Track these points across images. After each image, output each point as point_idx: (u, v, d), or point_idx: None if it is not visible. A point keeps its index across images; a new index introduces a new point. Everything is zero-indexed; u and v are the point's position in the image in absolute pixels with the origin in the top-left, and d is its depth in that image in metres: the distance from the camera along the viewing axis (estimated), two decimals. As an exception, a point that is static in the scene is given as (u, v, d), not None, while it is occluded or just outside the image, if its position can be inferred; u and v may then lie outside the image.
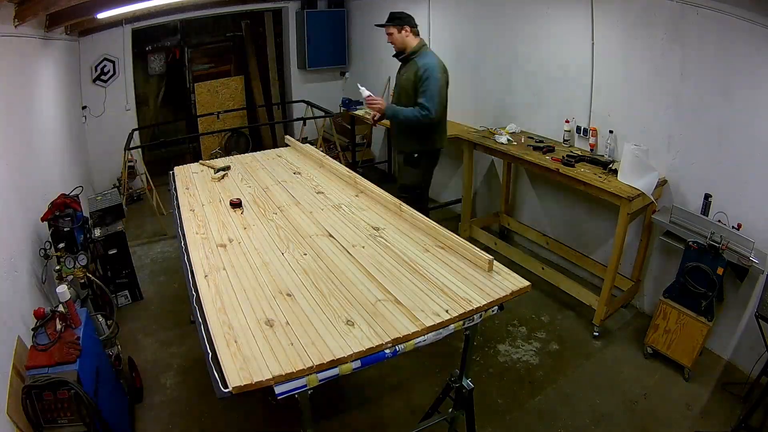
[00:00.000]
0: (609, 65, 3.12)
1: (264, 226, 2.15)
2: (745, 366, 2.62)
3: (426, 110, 2.92)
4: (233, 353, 1.31)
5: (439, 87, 2.92)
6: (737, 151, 2.55)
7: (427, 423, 2.03)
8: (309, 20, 5.85)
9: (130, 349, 2.88)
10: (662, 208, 2.87)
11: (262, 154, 3.26)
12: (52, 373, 1.71)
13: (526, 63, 3.71)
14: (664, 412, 2.45)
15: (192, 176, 2.84)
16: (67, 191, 2.86)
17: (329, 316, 1.49)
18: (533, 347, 2.94)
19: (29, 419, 1.71)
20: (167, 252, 4.15)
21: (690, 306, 2.59)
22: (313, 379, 1.28)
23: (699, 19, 2.56)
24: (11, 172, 2.46)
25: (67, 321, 1.90)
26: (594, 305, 3.04)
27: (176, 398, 2.56)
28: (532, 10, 3.54)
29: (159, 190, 4.77)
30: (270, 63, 6.63)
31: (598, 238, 3.46)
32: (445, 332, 1.48)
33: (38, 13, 2.83)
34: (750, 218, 2.50)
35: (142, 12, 4.83)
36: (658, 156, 2.86)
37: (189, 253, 1.90)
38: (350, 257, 1.85)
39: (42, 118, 3.37)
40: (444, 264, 1.79)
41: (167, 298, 3.48)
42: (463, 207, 4.11)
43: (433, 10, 4.56)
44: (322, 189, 2.56)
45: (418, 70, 2.95)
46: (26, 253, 2.38)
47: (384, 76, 5.43)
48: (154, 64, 6.18)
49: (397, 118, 3.08)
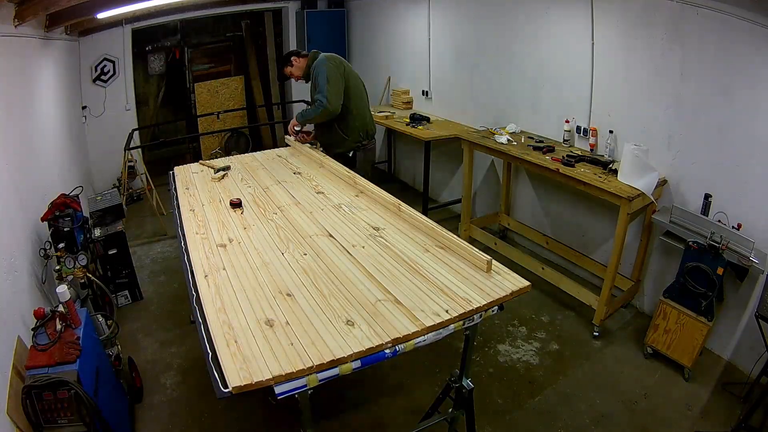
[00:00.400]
0: (609, 65, 3.12)
1: (264, 226, 2.15)
2: (745, 366, 2.62)
3: (318, 102, 2.98)
4: (233, 353, 1.31)
5: (328, 76, 2.97)
6: (737, 151, 2.55)
7: (427, 423, 2.03)
8: (309, 20, 5.86)
9: (130, 349, 2.88)
10: (662, 208, 2.87)
11: (262, 154, 3.26)
12: (52, 373, 1.71)
13: (526, 63, 3.71)
14: (664, 412, 2.45)
15: (192, 176, 2.84)
16: (67, 191, 2.86)
17: (329, 316, 1.49)
18: (533, 347, 2.93)
19: (29, 419, 1.71)
20: (167, 252, 4.15)
21: (690, 306, 2.59)
22: (313, 379, 1.28)
23: (699, 19, 2.56)
24: (11, 172, 2.45)
25: (67, 321, 1.90)
26: (594, 305, 3.04)
27: (176, 398, 2.56)
28: (532, 10, 3.54)
29: (159, 190, 4.78)
30: (270, 63, 6.63)
31: (598, 238, 3.46)
32: (445, 332, 1.48)
33: (38, 13, 2.83)
34: (750, 218, 2.50)
35: (142, 12, 4.84)
36: (658, 156, 2.86)
37: (189, 253, 1.90)
38: (350, 257, 1.85)
39: (42, 118, 3.37)
40: (444, 264, 1.79)
41: (167, 298, 3.48)
42: (462, 207, 4.11)
43: (433, 10, 4.56)
44: (322, 189, 2.56)
45: (312, 72, 3.10)
46: (26, 253, 2.38)
47: (384, 76, 5.44)
48: (154, 64, 6.19)
49: (303, 117, 3.19)
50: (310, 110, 3.13)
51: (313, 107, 3.07)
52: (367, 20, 5.73)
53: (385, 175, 5.82)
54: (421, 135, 4.17)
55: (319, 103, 2.98)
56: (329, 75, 2.99)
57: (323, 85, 2.98)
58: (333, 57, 3.13)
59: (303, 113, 3.20)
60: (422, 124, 4.38)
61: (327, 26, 5.99)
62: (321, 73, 2.99)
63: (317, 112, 3.01)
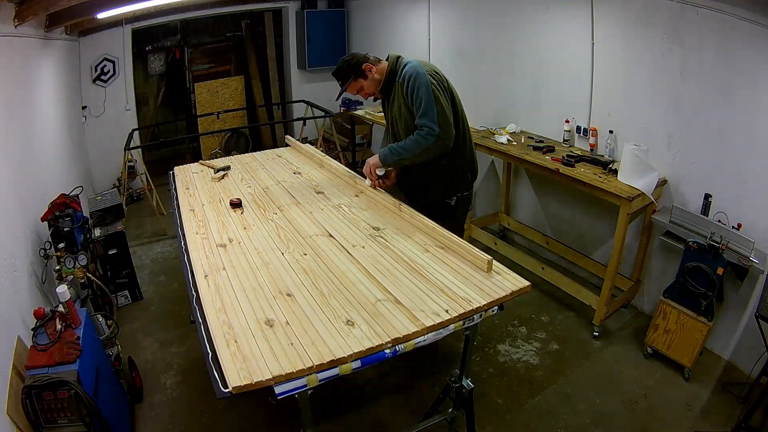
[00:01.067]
0: (609, 65, 3.12)
1: (264, 226, 2.15)
2: (745, 366, 2.62)
3: (426, 128, 2.13)
4: (233, 353, 1.31)
5: (434, 92, 2.14)
6: (737, 151, 2.55)
7: (427, 423, 2.03)
8: (309, 20, 5.85)
9: (130, 349, 2.88)
10: (662, 208, 2.87)
11: (262, 154, 3.26)
12: (52, 373, 1.71)
13: (526, 63, 3.71)
14: (664, 412, 2.45)
15: (192, 176, 2.84)
16: (67, 191, 2.86)
17: (329, 316, 1.49)
18: (533, 347, 2.93)
19: (29, 419, 1.71)
20: (167, 252, 4.15)
21: (690, 306, 2.59)
22: (313, 379, 1.28)
23: (699, 19, 2.56)
24: (11, 171, 2.46)
25: (67, 321, 1.90)
26: (594, 305, 3.04)
27: (176, 398, 2.56)
28: (532, 10, 3.54)
29: (159, 190, 4.77)
30: (270, 63, 6.63)
31: (598, 238, 3.46)
32: (445, 332, 1.48)
33: (38, 13, 2.83)
34: (750, 218, 2.50)
35: (142, 12, 4.84)
36: (658, 156, 2.86)
37: (189, 253, 1.91)
38: (350, 257, 1.85)
39: (42, 118, 3.37)
40: (444, 264, 1.79)
41: (167, 298, 3.48)
42: (463, 207, 4.10)
43: (433, 10, 4.56)
44: (322, 189, 2.56)
45: (401, 85, 2.23)
46: (26, 253, 2.38)
47: (384, 76, 5.43)
48: (154, 64, 6.18)
49: (397, 156, 2.25)
50: (409, 143, 2.19)
51: (414, 138, 2.17)
52: (367, 20, 5.72)
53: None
54: (421, 135, 4.16)
55: (428, 131, 2.12)
56: (435, 91, 2.14)
57: (430, 104, 2.12)
58: (429, 64, 2.29)
59: (396, 149, 2.24)
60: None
61: (327, 26, 5.99)
62: (422, 86, 2.13)
63: (425, 144, 2.14)
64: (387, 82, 2.32)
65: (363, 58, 2.35)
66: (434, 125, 2.12)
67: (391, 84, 2.31)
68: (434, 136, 2.12)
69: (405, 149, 2.22)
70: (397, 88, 2.27)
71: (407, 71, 2.20)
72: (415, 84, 2.15)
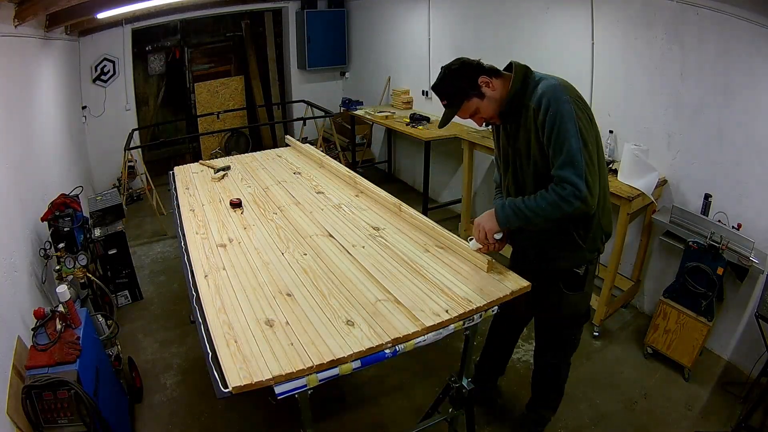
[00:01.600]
0: (609, 65, 3.12)
1: (264, 226, 2.15)
2: (745, 366, 2.62)
3: (570, 187, 1.51)
4: (233, 353, 1.31)
5: (581, 130, 1.53)
6: (737, 151, 2.55)
7: (427, 423, 2.03)
8: (309, 20, 5.86)
9: (130, 349, 2.88)
10: (662, 208, 2.87)
11: (262, 154, 3.26)
12: (52, 373, 1.71)
13: (526, 63, 3.69)
14: (664, 412, 2.45)
15: (192, 176, 2.84)
16: (67, 191, 2.86)
17: (329, 316, 1.49)
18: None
19: (29, 419, 1.71)
20: (167, 252, 4.15)
21: (690, 306, 2.59)
22: (313, 379, 1.28)
23: (699, 20, 2.56)
24: (11, 171, 2.46)
25: (67, 321, 1.90)
26: (594, 305, 3.03)
27: (176, 398, 2.56)
28: (532, 10, 3.54)
29: (159, 190, 4.78)
30: (270, 63, 6.63)
31: (598, 238, 3.46)
32: (445, 332, 1.48)
33: (38, 13, 2.83)
34: (750, 218, 2.50)
35: (142, 12, 4.84)
36: (658, 156, 2.86)
37: (189, 253, 1.91)
38: (350, 257, 1.85)
39: (42, 118, 3.37)
40: (444, 264, 1.79)
41: (167, 298, 3.48)
42: (463, 207, 4.11)
43: (433, 10, 4.56)
44: (322, 189, 2.56)
45: (535, 112, 1.60)
46: (26, 253, 2.38)
47: (384, 76, 5.44)
48: (154, 64, 6.19)
49: (524, 221, 1.65)
50: (543, 203, 1.58)
51: (550, 197, 1.56)
52: (367, 20, 5.73)
53: (385, 176, 5.82)
54: (421, 135, 4.17)
55: (571, 191, 1.51)
56: (583, 129, 1.54)
57: (576, 151, 1.51)
58: (570, 86, 1.66)
59: (524, 210, 1.63)
60: (422, 124, 4.38)
61: (327, 26, 6.00)
62: (566, 121, 1.53)
63: (565, 209, 1.54)
64: (510, 104, 1.68)
65: (477, 66, 1.76)
66: (580, 182, 1.50)
67: (517, 107, 1.67)
68: (580, 199, 1.51)
69: (536, 212, 1.60)
70: (528, 115, 1.63)
71: (545, 93, 1.59)
72: (556, 116, 1.53)
